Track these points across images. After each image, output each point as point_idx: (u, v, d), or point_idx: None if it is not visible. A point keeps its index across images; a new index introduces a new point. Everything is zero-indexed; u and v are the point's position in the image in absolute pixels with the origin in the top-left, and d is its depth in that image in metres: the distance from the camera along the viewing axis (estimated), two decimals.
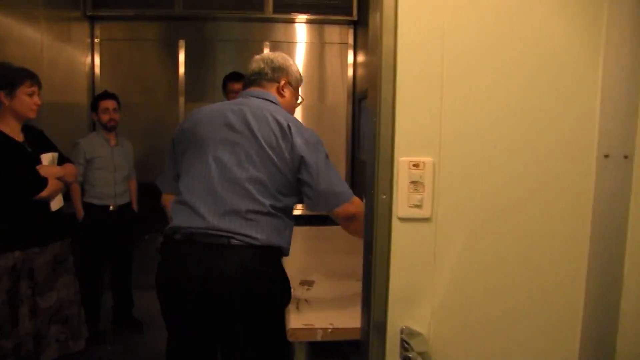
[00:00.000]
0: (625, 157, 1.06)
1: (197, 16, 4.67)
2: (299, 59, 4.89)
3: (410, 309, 1.12)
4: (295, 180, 1.85)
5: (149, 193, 4.32)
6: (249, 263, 1.74)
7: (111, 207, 3.74)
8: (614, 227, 1.08)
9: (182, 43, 4.74)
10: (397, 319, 1.13)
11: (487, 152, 1.07)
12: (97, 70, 4.69)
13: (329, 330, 1.69)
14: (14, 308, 2.52)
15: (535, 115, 1.08)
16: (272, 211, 1.81)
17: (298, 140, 1.81)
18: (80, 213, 3.61)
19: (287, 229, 1.88)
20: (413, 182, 1.06)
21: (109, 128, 3.73)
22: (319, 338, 1.69)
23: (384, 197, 1.08)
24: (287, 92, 2.05)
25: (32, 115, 2.61)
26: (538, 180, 1.10)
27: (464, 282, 1.12)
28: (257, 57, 2.08)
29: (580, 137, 1.09)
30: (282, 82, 2.03)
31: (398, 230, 1.09)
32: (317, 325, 1.70)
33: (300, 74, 2.12)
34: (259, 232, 1.77)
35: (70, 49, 4.26)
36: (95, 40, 4.67)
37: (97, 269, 3.72)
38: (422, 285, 1.11)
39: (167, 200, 2.03)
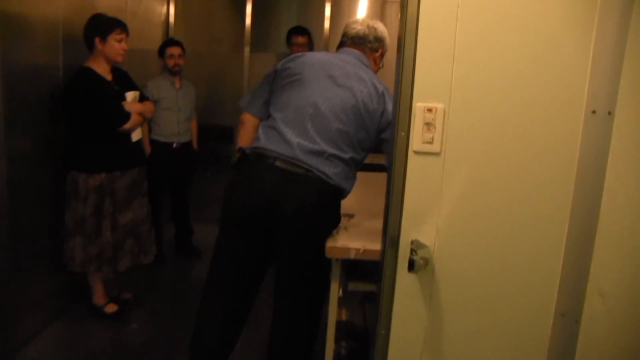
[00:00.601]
0: (609, 113, 1.29)
1: None
2: (361, 14, 5.07)
3: (419, 226, 1.42)
4: (377, 138, 2.15)
5: (208, 134, 4.75)
6: (318, 195, 2.05)
7: (174, 144, 4.09)
8: (595, 171, 1.31)
9: None
10: (408, 233, 1.43)
11: (489, 103, 1.34)
12: (171, 20, 5.04)
13: (361, 250, 2.00)
14: (98, 221, 2.98)
15: (533, 74, 1.33)
16: (349, 161, 2.11)
17: (389, 107, 2.09)
18: (149, 148, 3.94)
19: (353, 178, 2.20)
20: (426, 124, 1.35)
21: (174, 72, 4.04)
22: (352, 256, 2.00)
23: (403, 134, 1.37)
24: (378, 60, 2.32)
25: (119, 59, 3.00)
26: (532, 128, 1.35)
27: (465, 206, 1.40)
28: (361, 20, 2.30)
29: (572, 95, 1.33)
30: (379, 52, 2.30)
31: (413, 161, 1.38)
32: (351, 246, 2.02)
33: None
34: (334, 174, 2.07)
35: (149, 1, 4.62)
36: None
37: (158, 199, 4.04)
38: (430, 206, 1.41)
39: (247, 119, 2.30)
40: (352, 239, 2.07)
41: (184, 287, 3.88)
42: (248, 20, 5.06)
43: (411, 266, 1.35)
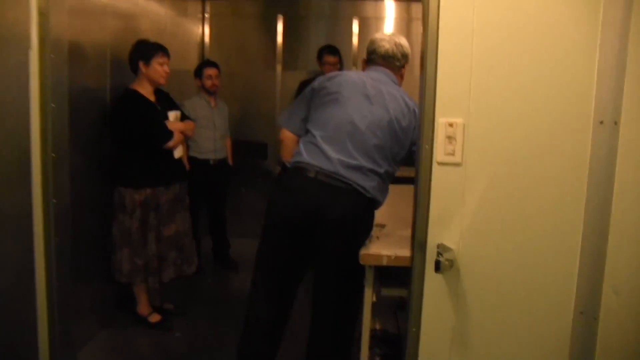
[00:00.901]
0: (615, 123, 1.41)
1: None
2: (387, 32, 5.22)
3: (444, 230, 1.55)
4: (409, 150, 2.29)
5: (242, 150, 4.93)
6: (356, 207, 2.21)
7: (211, 161, 4.25)
8: (605, 177, 1.43)
9: (280, 18, 5.21)
10: (435, 238, 1.56)
11: (504, 117, 1.47)
12: (206, 41, 5.28)
13: (392, 257, 2.11)
14: (144, 234, 3.16)
15: (544, 89, 1.45)
16: (384, 175, 2.27)
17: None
18: (188, 166, 4.06)
19: (386, 190, 2.35)
20: (448, 137, 1.48)
21: (211, 92, 4.23)
22: (384, 263, 2.12)
23: (427, 146, 1.51)
24: (404, 75, 2.45)
25: (162, 81, 3.21)
26: (545, 139, 1.48)
27: (485, 211, 1.53)
28: (387, 37, 2.40)
29: (581, 107, 1.46)
30: (405, 69, 2.44)
31: (437, 171, 1.52)
32: (383, 253, 2.14)
33: None
34: (371, 187, 2.22)
35: (186, 23, 4.86)
36: (206, 15, 5.24)
37: (196, 214, 4.12)
38: (454, 212, 1.53)
39: (286, 136, 2.44)
40: (384, 247, 2.19)
41: (223, 298, 4.05)
42: (280, 39, 5.26)
43: (437, 267, 1.47)
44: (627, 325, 1.40)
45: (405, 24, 5.20)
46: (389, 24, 5.22)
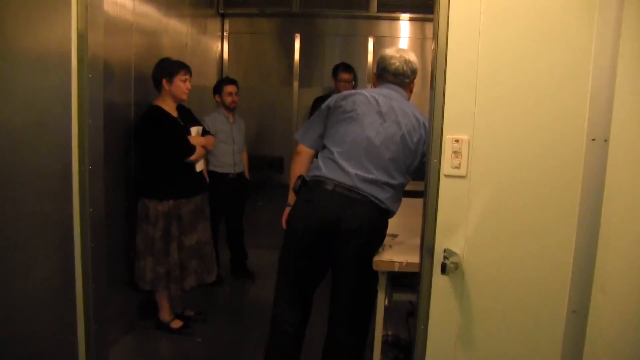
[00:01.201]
0: (605, 140, 1.55)
1: (311, 14, 5.30)
2: None
3: (450, 236, 1.69)
4: (420, 162, 2.44)
5: (260, 164, 5.08)
6: (371, 217, 2.38)
7: (230, 175, 4.39)
8: (596, 190, 1.58)
9: (297, 36, 5.39)
10: (441, 243, 1.71)
11: (506, 135, 1.62)
12: (225, 57, 5.47)
13: (404, 263, 2.25)
14: (166, 243, 3.32)
15: (541, 108, 1.60)
16: (397, 186, 2.43)
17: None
18: (207, 179, 4.24)
19: (399, 201, 2.51)
20: (454, 152, 1.63)
21: (231, 109, 4.39)
22: (396, 269, 2.27)
23: (435, 161, 1.66)
24: (412, 89, 2.60)
25: (184, 97, 3.38)
26: (543, 156, 1.62)
27: (488, 220, 1.67)
28: (398, 54, 2.53)
29: (575, 125, 1.60)
30: (413, 83, 2.59)
31: (444, 183, 1.67)
32: (395, 260, 2.28)
33: None
34: (385, 199, 2.39)
35: (206, 40, 5.04)
36: (225, 33, 5.45)
37: (215, 225, 4.28)
38: (459, 221, 1.68)
39: (303, 150, 2.59)
40: (396, 254, 2.35)
41: (241, 306, 4.21)
42: (297, 57, 5.44)
43: (443, 269, 1.62)
44: (612, 320, 1.54)
45: (419, 43, 5.33)
46: (403, 42, 5.36)
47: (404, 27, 5.37)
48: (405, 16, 5.23)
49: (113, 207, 3.24)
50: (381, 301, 2.36)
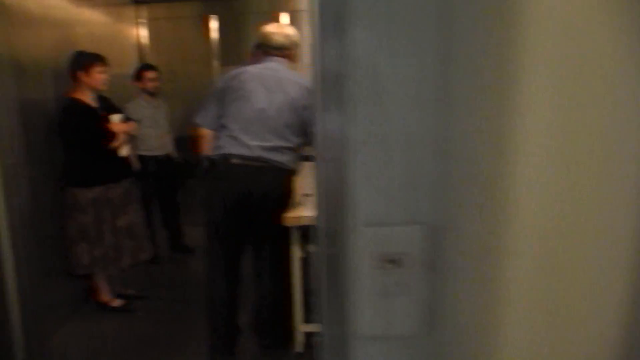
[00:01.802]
0: None
1: None
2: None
3: None
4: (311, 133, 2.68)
5: (186, 144, 5.20)
6: (279, 179, 2.66)
7: (158, 157, 4.55)
8: None
9: (214, 18, 5.51)
10: None
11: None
12: (145, 44, 5.54)
13: (311, 218, 2.53)
14: (99, 227, 3.47)
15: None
16: (295, 147, 2.69)
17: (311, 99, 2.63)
18: (137, 164, 4.27)
19: (300, 158, 2.78)
20: None
21: (153, 94, 4.53)
22: (304, 222, 2.60)
23: None
24: (297, 58, 2.83)
25: (102, 87, 3.49)
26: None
27: None
28: (277, 31, 2.77)
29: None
30: (297, 55, 2.82)
31: None
32: (304, 215, 2.61)
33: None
34: (287, 161, 2.66)
35: (123, 28, 5.10)
36: (143, 20, 5.51)
37: (149, 207, 4.50)
38: None
39: (205, 132, 2.79)
40: (306, 211, 2.66)
41: (181, 281, 4.39)
42: (214, 35, 5.57)
43: None
44: None
45: None
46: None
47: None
48: None
49: (43, 200, 3.34)
50: (296, 253, 2.65)
